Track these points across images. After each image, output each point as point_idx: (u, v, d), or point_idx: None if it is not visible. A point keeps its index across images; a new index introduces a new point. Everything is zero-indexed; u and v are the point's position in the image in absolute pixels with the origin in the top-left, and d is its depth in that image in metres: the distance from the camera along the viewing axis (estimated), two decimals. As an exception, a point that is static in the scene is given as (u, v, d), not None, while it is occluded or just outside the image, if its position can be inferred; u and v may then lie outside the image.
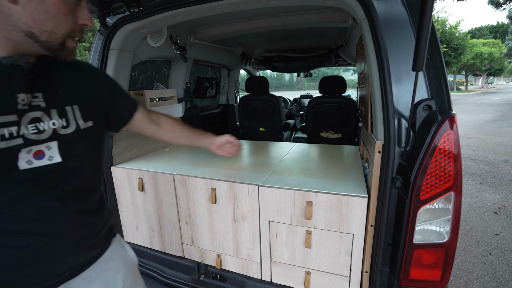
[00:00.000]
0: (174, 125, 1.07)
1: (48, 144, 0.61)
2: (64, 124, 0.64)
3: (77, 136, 0.67)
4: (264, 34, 2.57)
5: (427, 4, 0.76)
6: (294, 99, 5.48)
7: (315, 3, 1.32)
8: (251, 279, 1.36)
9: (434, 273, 1.00)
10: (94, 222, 0.76)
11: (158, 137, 1.04)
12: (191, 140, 1.13)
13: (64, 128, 0.64)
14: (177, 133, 1.07)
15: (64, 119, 0.64)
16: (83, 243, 0.72)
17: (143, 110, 0.95)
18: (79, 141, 0.67)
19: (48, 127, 0.61)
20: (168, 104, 2.16)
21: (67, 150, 0.64)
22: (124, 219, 1.64)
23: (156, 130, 1.00)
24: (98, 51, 1.54)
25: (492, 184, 3.92)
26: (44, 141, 0.60)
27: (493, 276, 2.10)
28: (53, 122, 0.62)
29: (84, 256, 0.74)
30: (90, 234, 0.74)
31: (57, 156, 0.62)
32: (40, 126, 0.60)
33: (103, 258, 0.79)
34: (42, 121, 0.60)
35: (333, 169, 1.39)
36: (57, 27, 0.57)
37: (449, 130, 0.88)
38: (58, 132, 0.63)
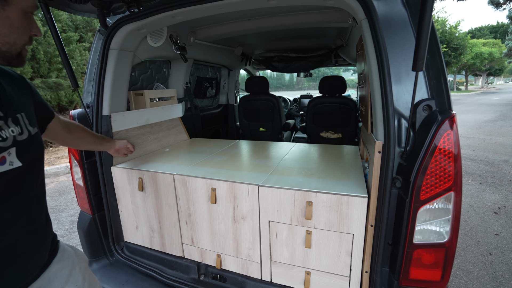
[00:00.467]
0: (82, 131, 1.16)
1: (9, 151, 0.64)
2: (19, 131, 0.68)
3: (31, 141, 0.71)
4: (264, 34, 2.57)
5: (427, 4, 0.76)
6: (294, 99, 5.48)
7: (315, 3, 1.32)
8: (251, 279, 1.36)
9: (434, 273, 1.00)
10: (48, 222, 0.82)
11: (69, 143, 1.13)
12: (95, 145, 1.28)
13: (20, 135, 0.68)
14: (84, 138, 1.18)
15: (19, 127, 0.68)
16: (44, 242, 0.78)
17: (57, 117, 1.00)
18: (32, 146, 0.72)
19: (9, 134, 0.65)
20: (168, 104, 2.16)
21: (24, 155, 0.68)
22: (124, 219, 1.64)
23: (67, 136, 1.07)
24: (98, 51, 1.54)
25: (492, 184, 3.92)
26: (7, 148, 0.64)
27: (493, 276, 2.10)
28: (11, 130, 0.66)
29: (45, 256, 0.79)
30: (48, 233, 0.80)
31: (17, 161, 0.65)
32: (3, 134, 0.63)
33: (56, 259, 0.83)
34: (3, 129, 0.64)
35: (333, 169, 1.39)
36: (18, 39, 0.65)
37: (449, 130, 0.88)
38: (16, 139, 0.67)
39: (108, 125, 1.57)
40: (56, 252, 0.85)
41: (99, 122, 1.55)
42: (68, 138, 1.08)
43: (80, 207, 1.67)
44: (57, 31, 1.30)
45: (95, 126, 1.54)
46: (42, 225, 0.76)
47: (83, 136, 1.16)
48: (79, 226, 1.64)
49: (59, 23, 7.21)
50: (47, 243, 0.80)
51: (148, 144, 1.86)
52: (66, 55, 1.37)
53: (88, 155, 1.53)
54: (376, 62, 1.00)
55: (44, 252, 0.78)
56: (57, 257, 0.84)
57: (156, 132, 1.97)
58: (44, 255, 0.78)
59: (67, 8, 1.34)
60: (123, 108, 1.70)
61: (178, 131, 2.24)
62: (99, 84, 1.53)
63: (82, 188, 1.58)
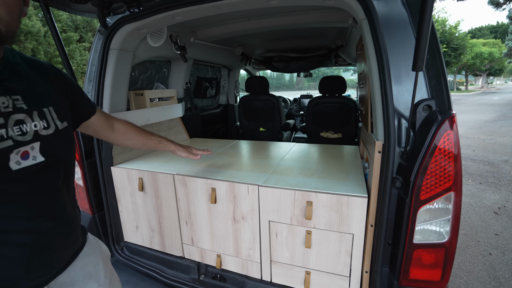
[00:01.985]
0: (128, 132, 1.07)
1: (32, 145, 0.63)
2: (45, 125, 0.67)
3: (57, 136, 0.69)
4: (264, 34, 2.57)
5: (427, 4, 0.76)
6: (294, 99, 5.48)
7: (315, 3, 1.32)
8: (251, 279, 1.36)
9: (434, 273, 1.00)
10: (76, 216, 0.81)
11: (115, 142, 1.06)
12: (149, 147, 1.16)
13: (45, 129, 0.67)
14: (132, 140, 1.09)
15: (45, 121, 0.67)
16: (71, 235, 0.78)
17: (101, 114, 0.96)
18: (59, 141, 0.70)
19: (30, 128, 0.63)
20: (168, 104, 2.16)
21: (48, 150, 0.67)
22: (124, 219, 1.64)
23: (110, 135, 1.02)
24: (98, 51, 1.54)
25: (492, 184, 3.92)
26: (28, 142, 0.63)
27: (493, 276, 2.10)
28: (34, 124, 0.64)
29: (72, 249, 0.79)
30: (75, 227, 0.79)
31: (40, 156, 0.65)
32: (23, 128, 0.62)
33: (83, 253, 0.83)
34: (25, 123, 0.63)
35: (333, 169, 1.39)
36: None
37: (449, 130, 0.88)
38: (39, 133, 0.65)
39: (108, 125, 1.57)
40: (83, 245, 0.85)
41: (99, 122, 1.55)
42: (112, 137, 1.03)
43: (80, 207, 1.67)
44: (57, 31, 1.30)
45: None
46: (68, 219, 0.75)
47: (129, 138, 1.08)
48: (79, 226, 1.64)
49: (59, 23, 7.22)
50: (74, 237, 0.79)
51: (148, 144, 1.86)
52: (66, 55, 1.37)
53: (88, 155, 1.53)
54: (376, 62, 1.00)
55: (70, 246, 0.78)
56: (84, 251, 0.84)
57: (156, 132, 1.97)
58: (71, 249, 0.78)
59: (67, 8, 1.34)
60: (123, 108, 1.70)
61: (178, 131, 2.24)
62: (99, 84, 1.53)
63: (82, 188, 1.58)
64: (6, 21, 0.54)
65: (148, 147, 1.15)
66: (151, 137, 1.15)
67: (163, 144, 1.20)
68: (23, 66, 0.68)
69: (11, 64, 0.65)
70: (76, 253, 0.81)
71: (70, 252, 0.78)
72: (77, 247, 0.82)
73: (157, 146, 1.18)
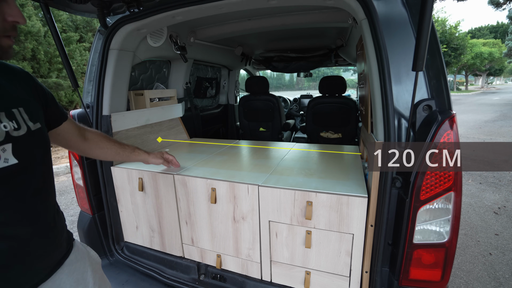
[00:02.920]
0: (101, 141, 1.05)
1: (3, 147, 0.61)
2: (15, 126, 0.64)
3: (30, 137, 0.67)
4: (264, 34, 2.57)
5: (427, 4, 0.76)
6: (294, 99, 5.48)
7: (315, 3, 1.32)
8: (251, 279, 1.36)
9: (434, 273, 1.00)
10: (59, 221, 0.78)
11: (86, 152, 1.03)
12: (121, 157, 1.13)
13: (16, 130, 0.64)
14: (105, 149, 1.06)
15: (15, 121, 0.65)
16: (54, 241, 0.75)
17: (72, 122, 0.94)
18: (32, 142, 0.68)
19: (1, 130, 0.61)
20: (168, 104, 2.16)
21: (21, 152, 0.64)
22: (124, 219, 1.64)
23: (82, 144, 0.98)
24: (98, 51, 1.54)
25: (492, 184, 3.92)
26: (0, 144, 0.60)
27: (493, 276, 2.10)
28: (4, 125, 0.62)
29: (55, 255, 0.76)
30: (58, 232, 0.77)
31: (12, 158, 0.62)
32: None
33: (69, 260, 0.80)
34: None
35: (333, 169, 1.39)
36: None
37: (449, 130, 0.88)
38: (11, 134, 0.63)
39: (108, 125, 1.57)
40: (69, 252, 0.82)
41: (99, 122, 1.55)
42: (83, 147, 0.99)
43: (80, 207, 1.67)
44: (57, 31, 1.30)
45: (95, 126, 1.54)
46: (48, 225, 0.72)
47: (102, 147, 1.04)
48: (79, 226, 1.64)
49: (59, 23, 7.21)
50: (57, 243, 0.76)
51: (148, 144, 1.86)
52: (66, 55, 1.37)
53: (88, 155, 1.53)
54: (376, 62, 1.00)
55: (53, 252, 0.75)
56: (70, 258, 0.81)
57: (156, 132, 1.97)
58: (54, 256, 0.75)
59: (67, 8, 1.34)
60: (123, 108, 1.70)
61: (178, 131, 2.24)
62: (99, 84, 1.53)
63: (82, 188, 1.58)
64: None
65: (121, 157, 1.13)
66: (125, 146, 1.14)
67: (136, 152, 1.20)
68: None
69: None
70: (61, 260, 0.78)
71: (54, 259, 0.75)
72: (62, 254, 0.78)
73: (130, 156, 1.17)
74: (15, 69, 0.74)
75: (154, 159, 1.29)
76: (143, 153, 1.24)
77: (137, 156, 1.21)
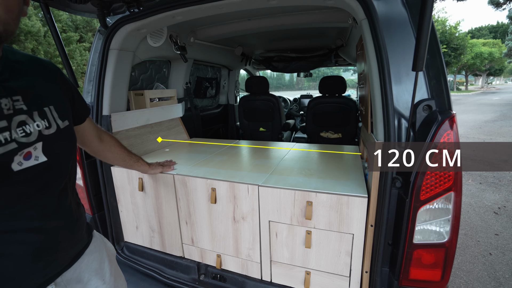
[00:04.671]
0: (114, 145, 1.09)
1: (35, 145, 0.63)
2: (46, 125, 0.67)
3: (59, 135, 0.69)
4: (264, 34, 2.57)
5: (427, 4, 0.76)
6: (294, 99, 5.48)
7: (315, 3, 1.32)
8: (251, 279, 1.36)
9: (434, 273, 1.00)
10: (80, 215, 0.81)
11: (98, 153, 1.05)
12: (125, 164, 1.20)
13: (47, 128, 0.67)
14: (115, 153, 1.10)
15: (46, 120, 0.67)
16: (77, 233, 0.78)
17: (91, 121, 0.97)
18: (61, 140, 0.70)
19: (34, 129, 0.63)
20: (168, 104, 2.16)
21: (50, 149, 0.67)
22: (124, 219, 1.64)
23: (97, 145, 1.01)
24: (98, 51, 1.54)
25: (492, 184, 3.92)
26: (32, 143, 0.63)
27: (493, 276, 2.10)
28: (37, 124, 0.64)
29: (77, 247, 0.79)
30: (81, 224, 0.80)
31: (42, 156, 0.64)
32: (26, 129, 0.62)
33: (88, 250, 0.84)
34: (27, 123, 0.62)
35: (333, 169, 1.39)
36: None
37: (449, 130, 0.88)
38: (42, 133, 0.65)
39: (108, 125, 1.57)
40: (89, 242, 0.85)
41: (99, 122, 1.55)
42: (97, 148, 1.01)
43: (80, 207, 1.67)
44: (57, 31, 1.30)
45: (95, 126, 1.54)
46: (72, 218, 0.75)
47: (114, 151, 1.09)
48: (79, 226, 1.64)
49: (59, 23, 7.22)
50: (79, 235, 0.79)
51: (148, 144, 1.86)
52: (66, 55, 1.37)
53: (88, 155, 1.53)
54: (376, 62, 1.00)
55: (76, 244, 0.78)
56: (89, 248, 0.84)
57: (156, 132, 1.97)
58: (76, 247, 0.79)
59: (67, 8, 1.34)
60: (123, 108, 1.70)
61: (178, 131, 2.24)
62: (99, 84, 1.53)
63: (82, 188, 1.58)
64: (4, 20, 0.54)
65: (126, 164, 1.19)
66: (131, 155, 1.20)
67: (140, 163, 1.28)
68: (23, 65, 0.67)
69: (11, 62, 0.64)
70: (81, 250, 0.81)
71: (76, 250, 0.79)
72: (83, 245, 0.82)
73: (134, 165, 1.25)
74: (46, 64, 0.75)
75: (153, 170, 1.37)
76: (144, 164, 1.32)
77: (139, 167, 1.29)
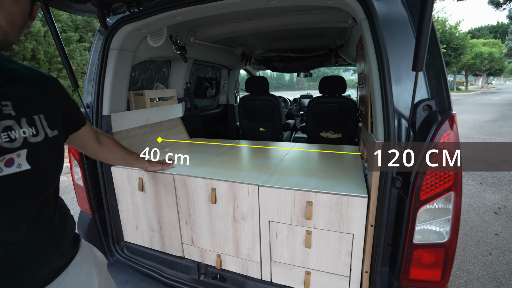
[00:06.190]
0: (114, 146, 1.11)
1: (19, 152, 0.61)
2: (33, 132, 0.65)
3: (46, 144, 0.68)
4: (264, 34, 2.57)
5: (427, 4, 0.76)
6: (294, 99, 5.48)
7: (315, 3, 1.32)
8: (251, 279, 1.36)
9: (434, 273, 1.00)
10: (64, 227, 0.77)
11: (98, 156, 1.07)
12: (126, 162, 1.21)
13: (34, 136, 0.65)
14: (115, 153, 1.12)
15: (34, 128, 0.65)
16: (57, 248, 0.73)
17: (90, 126, 0.97)
18: (47, 148, 0.68)
19: (19, 135, 0.62)
20: (168, 104, 2.16)
21: (35, 158, 0.64)
22: (124, 219, 1.64)
23: (96, 147, 1.02)
24: (98, 51, 1.54)
25: (492, 184, 3.92)
26: (16, 149, 0.60)
27: (493, 276, 2.10)
28: (23, 131, 0.63)
29: (58, 262, 0.74)
30: (62, 238, 0.76)
31: (25, 164, 0.62)
32: (11, 135, 0.60)
33: (74, 262, 0.80)
34: (13, 129, 0.61)
35: (333, 169, 1.39)
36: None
37: (449, 130, 0.88)
38: (28, 140, 0.63)
39: (108, 125, 1.57)
40: (75, 253, 0.81)
41: (99, 122, 1.55)
42: (96, 151, 1.03)
43: (80, 207, 1.67)
44: (57, 31, 1.30)
45: (95, 126, 1.54)
46: (54, 230, 0.71)
47: (114, 152, 1.10)
48: (79, 226, 1.64)
49: (59, 23, 7.21)
50: (61, 249, 0.75)
51: (148, 144, 1.86)
52: (66, 55, 1.37)
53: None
54: (376, 62, 1.00)
55: (55, 259, 0.73)
56: (75, 260, 0.80)
57: (156, 132, 1.97)
58: (58, 261, 0.74)
59: (67, 8, 1.34)
60: (123, 108, 1.70)
61: (178, 131, 2.24)
62: (99, 84, 1.53)
63: (82, 188, 1.58)
64: (5, 31, 0.55)
65: (127, 162, 1.21)
66: (130, 153, 1.22)
67: (140, 160, 1.30)
68: (19, 73, 0.67)
69: (6, 70, 0.64)
70: (66, 264, 0.77)
71: (58, 264, 0.74)
72: (67, 259, 0.78)
73: (134, 162, 1.27)
74: (44, 75, 0.75)
75: (153, 167, 1.40)
76: (144, 161, 1.34)
77: (139, 164, 1.32)
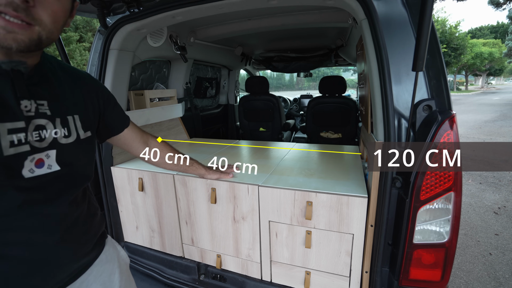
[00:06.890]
0: (162, 151, 1.07)
1: (47, 153, 0.61)
2: (66, 133, 0.65)
3: (77, 145, 0.67)
4: (264, 34, 2.57)
5: (427, 4, 0.75)
6: (294, 99, 5.48)
7: (315, 3, 1.32)
8: (251, 279, 1.36)
9: (434, 273, 1.00)
10: (90, 228, 0.77)
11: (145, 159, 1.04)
12: (178, 168, 1.15)
13: (66, 137, 0.65)
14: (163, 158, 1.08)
15: (66, 129, 0.65)
16: (82, 249, 0.73)
17: (134, 128, 0.95)
18: (78, 150, 0.68)
19: (49, 135, 0.61)
20: (168, 104, 2.16)
21: (65, 159, 0.64)
22: (124, 219, 1.64)
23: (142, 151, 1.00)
24: (98, 51, 1.54)
25: (492, 184, 3.92)
26: (44, 149, 0.60)
27: (493, 276, 2.10)
28: (55, 131, 0.62)
29: (82, 262, 0.74)
30: (88, 239, 0.75)
31: (55, 165, 0.62)
32: (42, 134, 0.60)
33: (98, 260, 0.79)
34: (46, 129, 0.61)
35: (333, 169, 1.39)
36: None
37: (449, 130, 0.88)
38: (58, 141, 0.63)
39: (108, 125, 1.57)
40: (100, 251, 0.81)
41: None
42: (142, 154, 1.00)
43: (80, 207, 1.67)
44: (57, 31, 1.30)
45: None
46: (79, 231, 0.71)
47: (162, 157, 1.06)
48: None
49: (59, 23, 7.22)
50: (86, 248, 0.74)
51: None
52: (66, 55, 1.37)
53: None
54: (376, 62, 1.00)
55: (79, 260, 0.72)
56: (100, 258, 0.80)
57: (156, 132, 1.97)
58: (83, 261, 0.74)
59: (67, 8, 1.34)
60: (123, 108, 1.69)
61: (178, 131, 2.24)
62: (99, 84, 1.53)
63: (82, 188, 1.58)
64: (49, 29, 0.55)
65: (179, 168, 1.14)
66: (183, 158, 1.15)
67: (195, 166, 1.22)
68: (57, 73, 0.67)
69: (45, 69, 0.64)
70: (89, 262, 0.76)
71: (82, 263, 0.74)
72: (91, 258, 0.77)
73: (188, 169, 1.19)
74: (83, 74, 0.75)
75: (210, 175, 1.28)
76: (200, 167, 1.25)
77: (194, 171, 1.24)
